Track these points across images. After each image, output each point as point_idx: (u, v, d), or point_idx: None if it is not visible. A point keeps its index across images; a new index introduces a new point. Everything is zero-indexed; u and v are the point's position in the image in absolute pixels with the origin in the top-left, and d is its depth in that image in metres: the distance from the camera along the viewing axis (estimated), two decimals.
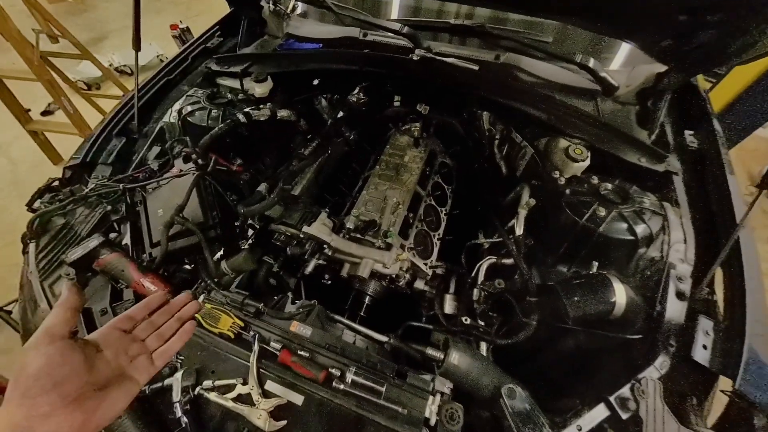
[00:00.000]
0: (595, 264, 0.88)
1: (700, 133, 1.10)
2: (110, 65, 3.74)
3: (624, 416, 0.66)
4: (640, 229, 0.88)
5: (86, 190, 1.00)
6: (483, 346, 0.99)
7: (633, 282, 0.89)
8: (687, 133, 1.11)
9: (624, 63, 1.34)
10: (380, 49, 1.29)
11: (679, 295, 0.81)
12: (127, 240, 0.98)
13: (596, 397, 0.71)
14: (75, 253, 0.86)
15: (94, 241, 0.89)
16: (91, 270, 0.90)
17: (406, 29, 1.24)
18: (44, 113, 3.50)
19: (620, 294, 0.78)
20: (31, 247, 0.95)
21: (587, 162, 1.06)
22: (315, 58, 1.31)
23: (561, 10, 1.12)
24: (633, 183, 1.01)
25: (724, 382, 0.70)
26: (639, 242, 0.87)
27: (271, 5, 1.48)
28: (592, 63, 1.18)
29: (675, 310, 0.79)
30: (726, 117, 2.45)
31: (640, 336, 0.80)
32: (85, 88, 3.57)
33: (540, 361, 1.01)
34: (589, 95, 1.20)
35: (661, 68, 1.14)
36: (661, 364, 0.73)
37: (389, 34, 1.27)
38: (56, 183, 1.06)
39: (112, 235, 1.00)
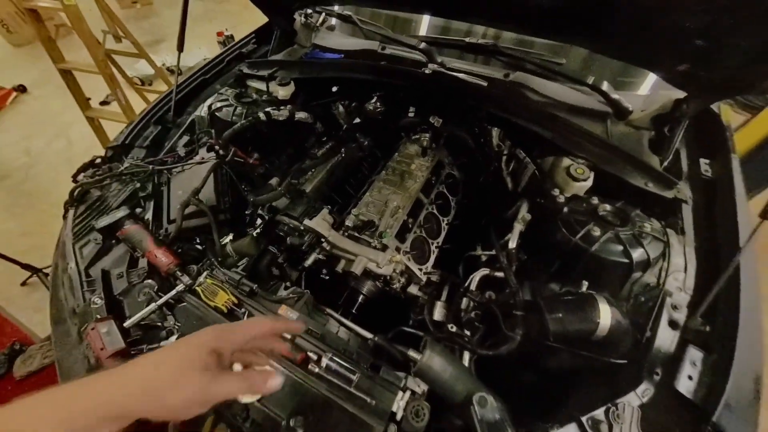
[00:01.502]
0: (585, 283, 0.87)
1: (716, 163, 1.06)
2: (163, 65, 4.14)
3: None
4: (637, 254, 0.86)
5: (121, 168, 1.13)
6: (466, 356, 0.99)
7: (625, 306, 0.86)
8: (702, 161, 1.08)
9: (653, 88, 1.32)
10: (396, 62, 1.37)
11: (672, 324, 0.77)
12: (149, 215, 1.10)
13: (569, 418, 0.70)
14: (103, 221, 0.98)
15: (121, 213, 1.00)
16: (115, 238, 1.02)
17: (423, 45, 1.31)
18: (102, 103, 3.93)
19: (605, 315, 0.77)
20: (70, 213, 1.09)
21: (589, 182, 1.06)
22: (334, 66, 1.41)
23: (578, 35, 1.14)
24: (638, 208, 0.98)
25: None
26: (634, 266, 0.85)
27: (302, 18, 1.61)
28: (605, 86, 1.19)
29: (666, 338, 0.76)
30: (753, 158, 2.19)
31: (625, 361, 0.77)
32: (140, 83, 3.98)
33: (524, 377, 0.99)
34: (599, 117, 1.20)
35: (680, 94, 1.12)
36: (643, 391, 0.70)
37: (406, 48, 1.34)
38: (99, 160, 1.20)
39: (138, 210, 1.12)
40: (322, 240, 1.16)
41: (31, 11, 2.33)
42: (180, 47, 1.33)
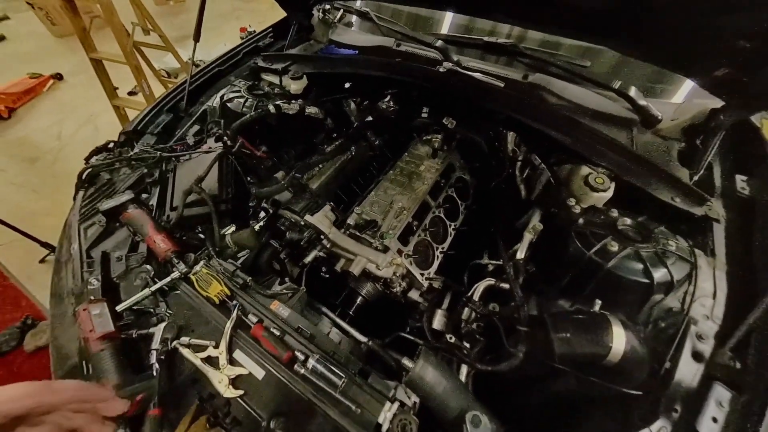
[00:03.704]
0: (598, 302, 0.80)
1: (755, 180, 0.96)
2: (189, 59, 4.29)
3: None
4: (659, 274, 0.78)
5: (131, 153, 1.14)
6: (464, 369, 0.93)
7: (643, 331, 0.78)
8: (738, 177, 0.98)
9: (689, 95, 1.22)
10: (411, 60, 1.33)
11: (696, 356, 0.69)
12: (153, 201, 1.10)
13: None
14: (108, 204, 0.99)
15: (125, 197, 1.01)
16: (119, 221, 1.03)
17: (439, 43, 1.27)
18: (130, 93, 4.10)
19: (619, 339, 0.69)
20: (80, 194, 1.11)
21: (609, 193, 0.98)
22: (348, 62, 1.39)
23: (605, 33, 1.06)
24: (662, 224, 0.90)
25: None
26: (655, 287, 0.77)
27: (320, 14, 1.61)
28: (633, 92, 1.11)
29: (688, 371, 0.68)
30: None
31: (640, 393, 0.69)
32: (165, 76, 4.12)
33: (525, 399, 0.92)
34: (624, 124, 1.12)
35: (717, 103, 1.03)
36: (658, 429, 0.63)
37: (422, 46, 1.31)
38: (111, 145, 1.23)
39: (144, 196, 1.12)
40: (322, 237, 1.13)
41: (68, 3, 2.45)
42: (196, 37, 1.35)
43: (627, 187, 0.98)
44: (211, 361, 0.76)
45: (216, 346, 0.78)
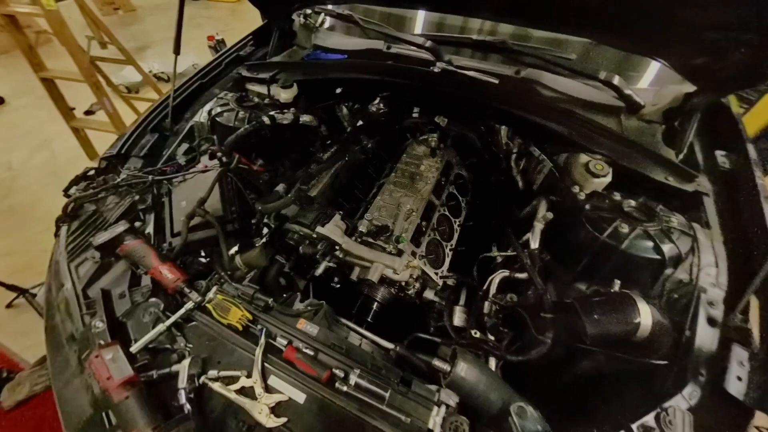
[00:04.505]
0: (617, 282, 0.84)
1: (732, 154, 1.05)
2: (150, 72, 4.03)
3: None
4: (667, 249, 0.83)
5: (118, 180, 1.06)
6: (492, 361, 0.95)
7: (658, 304, 0.83)
8: (718, 153, 1.07)
9: (653, 82, 1.31)
10: (403, 61, 1.33)
11: (711, 321, 0.75)
12: (150, 229, 1.03)
13: (616, 425, 0.66)
14: (102, 237, 0.91)
15: (120, 227, 0.93)
16: (115, 255, 0.94)
17: (429, 43, 1.28)
18: (86, 113, 3.78)
19: (645, 315, 0.74)
20: (63, 230, 1.01)
21: (609, 178, 1.03)
22: (340, 67, 1.37)
23: (590, 27, 1.12)
24: (658, 202, 0.97)
25: (759, 419, 0.63)
26: (666, 262, 0.83)
27: (301, 19, 1.56)
28: (616, 80, 1.17)
29: (706, 336, 0.73)
30: (757, 146, 2.32)
31: (665, 362, 0.74)
32: (126, 91, 3.85)
33: (553, 382, 0.95)
34: (613, 112, 1.18)
35: (690, 88, 1.11)
36: (690, 393, 0.67)
37: (412, 47, 1.31)
38: (92, 172, 1.13)
39: (137, 224, 1.04)
40: (336, 248, 1.10)
41: (8, 17, 2.21)
42: (176, 50, 1.26)
43: (622, 170, 1.05)
44: (246, 392, 0.72)
45: (248, 376, 0.74)
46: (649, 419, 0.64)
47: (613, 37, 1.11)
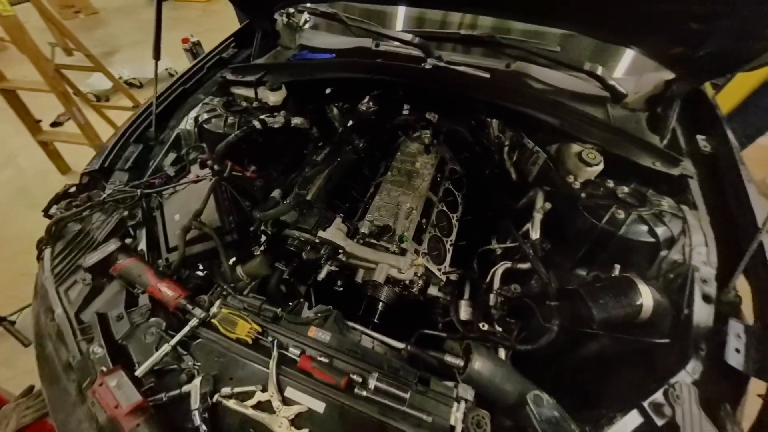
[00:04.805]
0: (617, 267, 0.87)
1: (712, 138, 1.11)
2: (120, 78, 3.82)
3: (659, 422, 0.64)
4: (661, 231, 0.87)
5: (103, 196, 1.00)
6: (501, 352, 0.97)
7: (656, 285, 0.87)
8: (699, 137, 1.12)
9: (628, 70, 1.37)
10: (392, 59, 1.32)
11: (706, 298, 0.79)
12: (142, 245, 0.98)
13: (627, 404, 0.69)
14: (92, 258, 0.86)
15: (112, 246, 0.88)
16: (108, 275, 0.90)
17: (417, 40, 1.27)
18: (53, 124, 3.55)
19: (647, 296, 0.77)
20: (47, 253, 0.95)
21: (601, 166, 1.07)
22: (330, 67, 1.34)
23: (570, 18, 1.15)
24: (647, 187, 1.01)
25: (756, 388, 0.68)
26: (661, 244, 0.87)
27: (284, 18, 1.52)
28: (600, 71, 1.21)
29: (702, 313, 0.78)
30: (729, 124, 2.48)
31: (667, 340, 0.78)
32: (95, 100, 3.64)
33: (560, 368, 0.98)
34: (599, 102, 1.22)
35: (669, 75, 1.16)
36: (693, 368, 0.71)
37: (401, 44, 1.30)
38: (73, 189, 1.06)
39: (128, 241, 0.99)
40: (340, 251, 1.09)
41: None
42: (156, 55, 1.20)
43: (611, 158, 1.08)
44: (263, 406, 0.71)
45: (264, 390, 0.72)
46: (658, 396, 0.67)
47: (592, 28, 1.14)
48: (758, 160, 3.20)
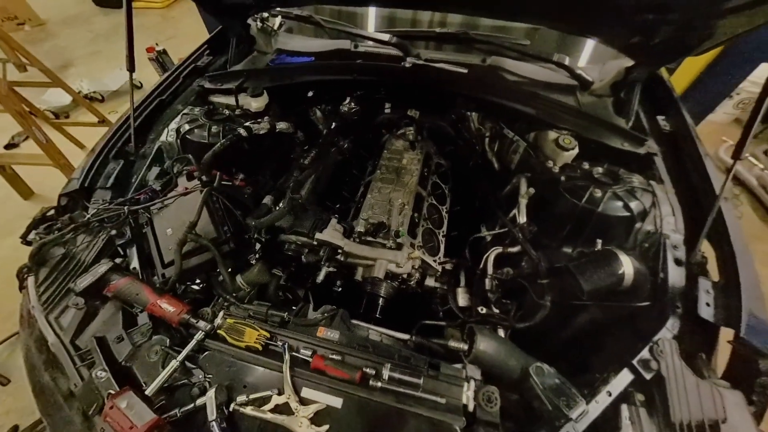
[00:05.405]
0: (599, 241, 0.95)
1: (671, 117, 1.22)
2: (80, 92, 3.60)
3: (647, 376, 0.71)
4: (635, 205, 0.96)
5: (88, 216, 0.96)
6: (501, 332, 1.02)
7: (634, 254, 0.95)
8: (659, 118, 1.23)
9: (590, 59, 1.47)
10: (372, 59, 1.34)
11: (677, 262, 0.88)
12: (135, 263, 0.95)
13: (618, 364, 0.76)
14: (84, 281, 0.83)
15: (104, 267, 0.85)
16: (101, 297, 0.87)
17: (395, 39, 1.30)
18: (8, 146, 3.29)
19: (627, 265, 0.85)
20: (30, 280, 0.90)
21: (576, 150, 1.15)
22: (311, 70, 1.35)
23: (535, 13, 1.22)
24: (619, 166, 1.09)
25: (726, 337, 0.77)
26: (635, 217, 0.95)
27: (258, 23, 1.51)
28: (567, 61, 1.30)
29: (676, 275, 0.86)
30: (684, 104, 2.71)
31: (648, 303, 0.86)
32: (53, 117, 3.41)
33: (553, 341, 1.05)
34: (569, 90, 1.31)
35: (629, 63, 1.26)
36: (672, 325, 0.79)
37: (379, 44, 1.33)
38: (51, 212, 1.01)
39: (118, 260, 0.96)
40: (338, 251, 1.11)
41: None
42: (131, 66, 1.16)
43: (584, 142, 1.17)
44: (281, 409, 0.72)
45: (280, 393, 0.73)
46: (645, 353, 0.74)
47: (554, 20, 1.22)
48: (709, 135, 3.51)
